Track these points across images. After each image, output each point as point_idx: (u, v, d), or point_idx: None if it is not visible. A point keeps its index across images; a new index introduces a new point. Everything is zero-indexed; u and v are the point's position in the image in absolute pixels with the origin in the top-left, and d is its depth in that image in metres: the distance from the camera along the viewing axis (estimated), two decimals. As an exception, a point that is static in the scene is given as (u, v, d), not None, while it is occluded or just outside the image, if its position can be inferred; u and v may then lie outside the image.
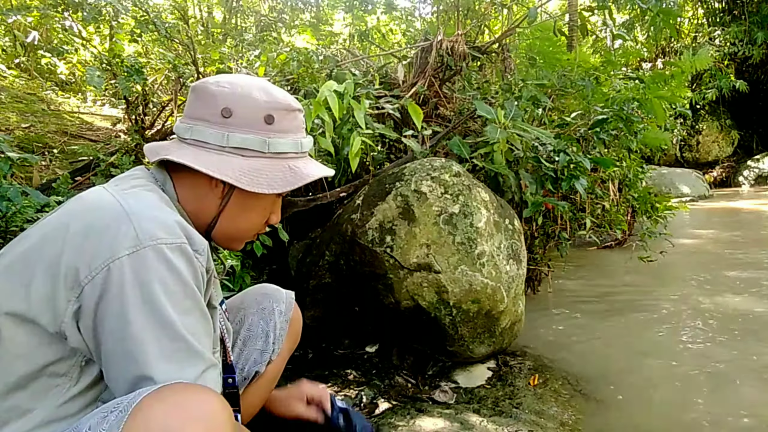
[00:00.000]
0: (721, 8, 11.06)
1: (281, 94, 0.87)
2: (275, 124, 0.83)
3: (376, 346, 2.16)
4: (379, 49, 6.58)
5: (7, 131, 3.21)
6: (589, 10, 4.07)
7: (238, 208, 0.86)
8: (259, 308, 1.11)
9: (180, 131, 0.85)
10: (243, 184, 0.81)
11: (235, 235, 0.89)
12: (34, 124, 3.55)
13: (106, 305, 0.67)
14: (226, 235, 0.89)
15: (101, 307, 0.67)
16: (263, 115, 0.83)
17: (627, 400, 1.86)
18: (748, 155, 11.51)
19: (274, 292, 1.14)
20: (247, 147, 0.82)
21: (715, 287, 3.19)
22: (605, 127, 2.87)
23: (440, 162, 2.16)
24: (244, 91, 0.84)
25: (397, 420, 1.64)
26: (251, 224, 0.89)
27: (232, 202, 0.85)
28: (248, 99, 0.84)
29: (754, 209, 7.12)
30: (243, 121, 0.82)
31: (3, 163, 1.61)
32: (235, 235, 0.89)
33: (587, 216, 2.97)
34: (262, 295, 1.13)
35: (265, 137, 0.83)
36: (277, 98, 0.86)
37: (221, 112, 0.82)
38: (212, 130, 0.82)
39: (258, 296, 1.13)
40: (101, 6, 3.31)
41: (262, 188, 0.81)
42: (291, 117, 0.87)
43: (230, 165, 0.82)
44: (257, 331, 1.09)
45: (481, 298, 1.95)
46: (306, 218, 2.57)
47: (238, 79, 0.86)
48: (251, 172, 0.82)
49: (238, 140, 0.82)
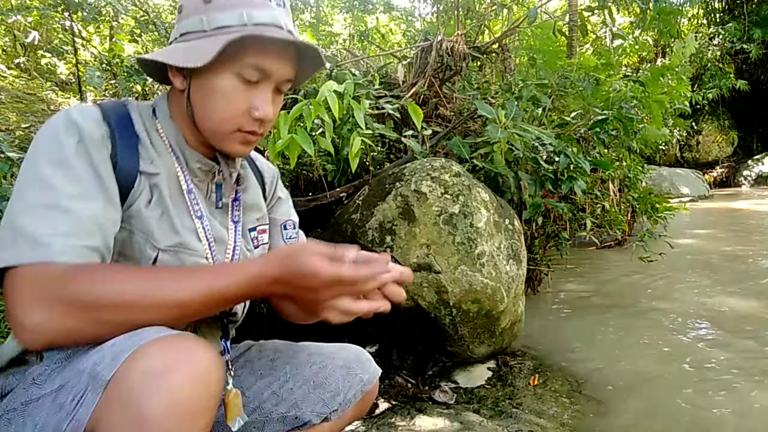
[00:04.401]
0: (721, 8, 11.07)
1: None
2: (213, 1, 0.78)
3: (376, 346, 2.16)
4: (379, 49, 6.58)
5: (7, 131, 3.21)
6: (589, 10, 4.07)
7: (200, 96, 0.81)
8: (346, 366, 1.04)
9: None
10: (174, 60, 0.78)
11: (215, 128, 0.82)
12: (34, 124, 3.55)
13: None
14: (210, 131, 0.83)
15: None
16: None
17: (627, 400, 1.86)
18: (748, 155, 11.52)
19: (365, 361, 1.07)
20: (189, 30, 0.79)
21: (715, 287, 3.19)
22: (605, 127, 2.87)
23: (440, 162, 2.16)
24: None
25: (397, 420, 1.64)
26: (223, 112, 0.80)
27: (192, 90, 0.81)
28: None
29: (754, 209, 7.12)
30: (187, 10, 0.80)
31: (3, 163, 1.61)
32: (215, 128, 0.82)
33: (587, 216, 2.97)
34: (356, 357, 1.06)
35: (202, 15, 0.78)
36: None
37: (178, 13, 0.84)
38: (172, 34, 0.85)
39: (351, 356, 1.06)
40: (101, 6, 3.31)
41: (192, 61, 0.75)
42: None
43: (170, 50, 0.81)
44: (332, 384, 1.02)
45: (481, 299, 1.95)
46: (306, 218, 2.58)
47: None
48: (186, 50, 0.78)
49: (183, 27, 0.80)
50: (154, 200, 0.80)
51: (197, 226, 0.85)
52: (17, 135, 3.22)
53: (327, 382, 1.01)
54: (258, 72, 0.79)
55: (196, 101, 0.81)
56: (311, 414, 0.99)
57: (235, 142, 0.83)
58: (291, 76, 0.85)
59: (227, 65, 0.78)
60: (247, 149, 0.86)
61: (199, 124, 0.83)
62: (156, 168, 0.81)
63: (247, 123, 0.81)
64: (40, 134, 0.73)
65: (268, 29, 0.78)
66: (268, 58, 0.79)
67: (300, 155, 2.18)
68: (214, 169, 0.88)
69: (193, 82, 0.81)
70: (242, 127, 0.81)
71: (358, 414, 1.10)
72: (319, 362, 1.03)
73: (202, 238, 0.85)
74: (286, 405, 0.99)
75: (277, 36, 0.77)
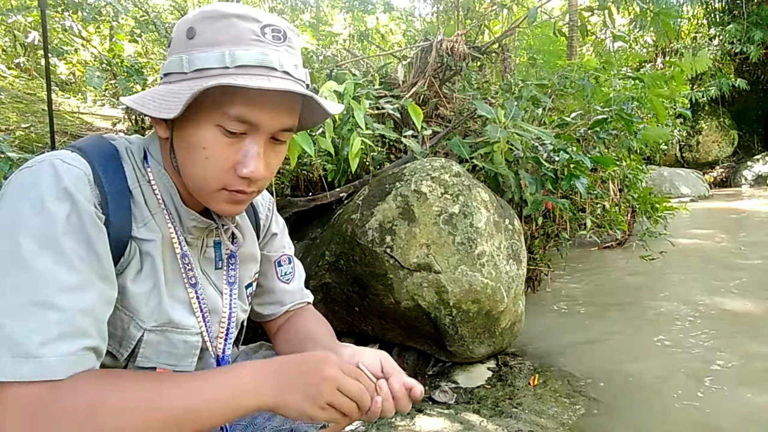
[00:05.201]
0: (721, 8, 11.08)
1: (221, 5, 0.68)
2: (196, 38, 0.67)
3: (376, 346, 2.16)
4: (379, 49, 6.59)
5: (7, 131, 3.21)
6: (589, 10, 4.07)
7: (182, 149, 0.71)
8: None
9: None
10: (146, 108, 0.68)
11: (198, 185, 0.71)
12: (34, 124, 3.55)
13: None
14: (194, 189, 0.73)
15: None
16: (185, 30, 0.68)
17: (627, 400, 1.86)
18: (748, 155, 11.52)
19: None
20: (171, 71, 0.68)
21: (715, 287, 3.19)
22: (605, 127, 2.87)
23: (440, 162, 2.16)
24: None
25: (397, 420, 1.64)
26: (205, 169, 0.69)
27: (175, 140, 0.71)
28: (181, 20, 0.71)
29: (754, 209, 7.12)
30: (173, 45, 0.71)
31: (3, 163, 1.61)
32: (198, 185, 0.71)
33: (587, 216, 2.98)
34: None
35: (183, 54, 0.67)
36: (206, 8, 0.69)
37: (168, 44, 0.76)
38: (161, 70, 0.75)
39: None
40: (101, 6, 3.32)
41: (160, 111, 0.65)
42: (219, 26, 0.66)
43: (148, 93, 0.70)
44: None
45: (481, 298, 1.95)
46: (306, 218, 2.58)
47: None
48: (163, 95, 0.68)
49: (166, 67, 0.70)
50: (145, 271, 0.72)
51: (191, 296, 0.77)
52: (17, 135, 3.22)
53: None
54: (243, 124, 0.67)
55: (179, 153, 0.71)
56: (307, 426, 0.93)
57: (221, 201, 0.72)
58: (288, 126, 0.72)
59: (206, 116, 0.67)
60: (238, 208, 0.75)
61: (184, 179, 0.73)
62: (149, 232, 0.73)
63: (233, 181, 0.70)
64: (19, 195, 0.61)
65: (252, 75, 0.65)
66: (254, 109, 0.67)
67: (300, 155, 2.18)
68: (211, 227, 0.80)
69: (176, 131, 0.70)
70: (228, 185, 0.70)
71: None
72: None
73: (196, 310, 0.78)
74: (280, 419, 0.92)
75: (262, 85, 0.64)
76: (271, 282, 0.98)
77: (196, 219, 0.77)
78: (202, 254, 0.82)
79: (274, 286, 0.98)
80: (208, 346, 0.81)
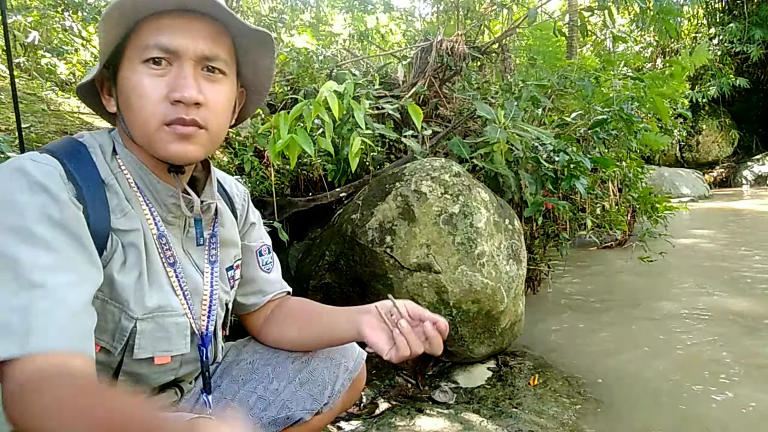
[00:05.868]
0: (721, 8, 11.08)
1: None
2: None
3: (376, 346, 2.16)
4: (379, 49, 6.59)
5: (7, 131, 3.21)
6: (589, 10, 4.07)
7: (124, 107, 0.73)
8: (328, 357, 1.01)
9: None
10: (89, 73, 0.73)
11: (143, 131, 0.72)
12: (34, 124, 3.55)
13: None
14: (142, 138, 0.73)
15: None
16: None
17: (627, 400, 1.86)
18: (748, 155, 11.51)
19: (348, 348, 1.03)
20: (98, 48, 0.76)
21: (715, 287, 3.19)
22: (605, 127, 2.87)
23: (440, 162, 2.16)
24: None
25: (397, 420, 1.64)
26: (143, 108, 0.70)
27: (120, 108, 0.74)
28: None
29: (754, 209, 7.12)
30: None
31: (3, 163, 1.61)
32: (143, 131, 0.72)
33: (587, 216, 2.98)
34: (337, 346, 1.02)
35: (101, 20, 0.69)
36: None
37: None
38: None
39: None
40: (101, 6, 3.32)
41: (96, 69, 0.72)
42: None
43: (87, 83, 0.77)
44: (318, 378, 0.98)
45: (481, 299, 1.95)
46: (306, 218, 2.58)
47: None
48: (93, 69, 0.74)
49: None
50: (130, 262, 0.73)
51: (170, 275, 0.78)
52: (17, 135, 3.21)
53: (312, 377, 0.99)
54: (159, 50, 0.69)
55: (125, 115, 0.73)
56: (302, 412, 0.97)
57: (167, 141, 0.71)
58: (213, 53, 0.72)
59: (131, 57, 0.70)
60: (187, 148, 0.73)
61: (133, 137, 0.74)
62: (129, 221, 0.74)
63: (169, 111, 0.70)
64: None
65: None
66: (169, 34, 0.69)
67: (300, 155, 2.18)
68: (192, 203, 0.80)
69: (117, 95, 0.74)
70: (166, 117, 0.70)
71: (349, 400, 1.09)
72: (301, 358, 1.00)
73: (176, 289, 0.79)
74: (276, 407, 0.96)
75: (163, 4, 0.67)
76: (253, 271, 1.00)
77: (174, 195, 0.78)
78: (185, 234, 0.84)
79: (255, 276, 1.00)
80: (192, 324, 0.82)
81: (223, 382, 0.98)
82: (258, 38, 0.77)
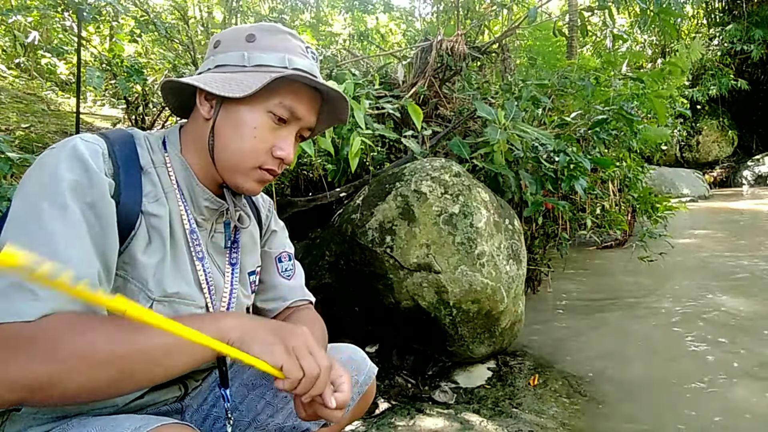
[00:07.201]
0: (721, 8, 11.08)
1: (277, 24, 0.87)
2: (257, 42, 0.82)
3: (376, 346, 2.16)
4: (379, 49, 6.59)
5: (7, 131, 3.21)
6: (589, 9, 4.07)
7: (228, 126, 0.81)
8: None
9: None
10: (214, 88, 0.78)
11: (235, 160, 0.82)
12: (34, 124, 3.55)
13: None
14: (228, 163, 0.82)
15: None
16: (245, 35, 0.83)
17: (627, 399, 1.86)
18: (748, 155, 11.51)
19: (360, 361, 1.04)
20: (227, 63, 0.82)
21: (715, 287, 3.19)
22: (605, 127, 2.87)
23: (440, 162, 2.16)
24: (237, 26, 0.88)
25: (397, 420, 1.64)
26: (249, 145, 0.81)
27: (220, 119, 0.81)
28: (235, 28, 0.86)
29: (754, 210, 7.12)
30: (226, 45, 0.84)
31: (3, 163, 1.61)
32: (235, 160, 0.82)
33: (587, 216, 2.98)
34: (349, 359, 1.03)
35: (243, 51, 0.82)
36: (264, 24, 0.86)
37: (212, 46, 0.86)
38: (202, 65, 0.86)
39: (345, 358, 1.02)
40: (101, 6, 3.32)
41: (233, 91, 0.77)
42: (278, 38, 0.84)
43: (206, 78, 0.81)
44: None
45: (481, 299, 1.95)
46: (306, 218, 2.58)
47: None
48: (226, 80, 0.80)
49: (219, 60, 0.83)
50: (154, 244, 0.78)
51: (198, 269, 0.83)
52: (17, 135, 3.22)
53: None
54: (289, 113, 0.82)
55: (222, 131, 0.82)
56: (309, 423, 0.96)
57: (252, 179, 0.84)
58: (313, 124, 0.88)
59: (261, 101, 0.80)
60: (259, 188, 0.86)
61: (217, 156, 0.83)
62: (159, 207, 0.79)
63: (268, 161, 0.83)
64: (42, 162, 0.70)
65: (306, 76, 0.82)
66: (300, 102, 0.83)
67: (300, 155, 2.18)
68: (222, 208, 0.86)
69: (222, 112, 0.82)
70: (263, 164, 0.83)
71: (357, 414, 1.09)
72: None
73: (202, 282, 0.84)
74: (283, 415, 0.97)
75: (320, 83, 0.82)
76: (273, 277, 1.03)
77: (209, 198, 0.85)
78: (210, 238, 0.88)
79: (275, 282, 1.03)
80: None
81: (234, 385, 0.99)
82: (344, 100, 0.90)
